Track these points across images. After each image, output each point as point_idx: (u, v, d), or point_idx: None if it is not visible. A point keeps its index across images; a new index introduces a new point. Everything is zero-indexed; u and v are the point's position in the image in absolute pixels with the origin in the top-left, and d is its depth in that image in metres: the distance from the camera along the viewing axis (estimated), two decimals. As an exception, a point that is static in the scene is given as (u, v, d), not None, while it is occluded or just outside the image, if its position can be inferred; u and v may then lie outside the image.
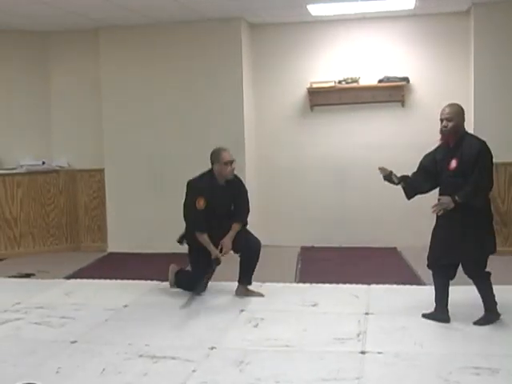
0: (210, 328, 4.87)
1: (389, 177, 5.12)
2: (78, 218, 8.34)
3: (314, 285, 6.08)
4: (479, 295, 4.82)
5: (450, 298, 4.87)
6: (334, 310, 5.27)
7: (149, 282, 6.36)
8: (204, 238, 5.53)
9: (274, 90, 7.99)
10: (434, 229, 4.92)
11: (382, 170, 5.14)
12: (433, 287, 4.96)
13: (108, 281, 6.50)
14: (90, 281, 6.55)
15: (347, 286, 5.99)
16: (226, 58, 7.63)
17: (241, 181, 5.84)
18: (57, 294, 6.02)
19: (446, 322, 4.80)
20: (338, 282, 6.10)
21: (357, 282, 6.05)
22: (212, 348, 4.42)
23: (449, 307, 4.86)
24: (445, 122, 4.84)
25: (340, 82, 7.72)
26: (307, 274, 6.62)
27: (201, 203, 5.46)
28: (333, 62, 7.83)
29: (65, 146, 8.28)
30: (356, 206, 7.90)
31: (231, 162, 5.59)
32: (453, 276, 4.84)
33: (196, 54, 7.72)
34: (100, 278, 6.61)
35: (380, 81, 7.66)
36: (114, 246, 8.09)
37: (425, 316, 4.93)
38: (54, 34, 8.10)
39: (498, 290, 4.88)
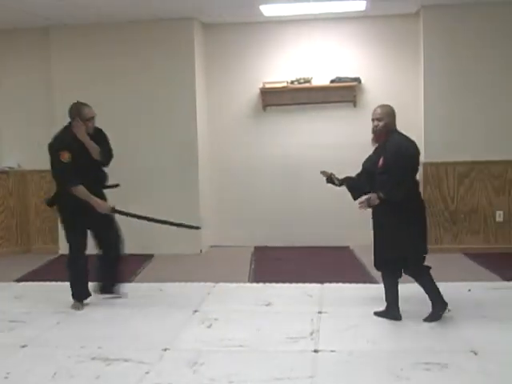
0: (163, 329, 4.85)
1: (330, 179, 5.22)
2: (28, 219, 8.20)
3: (267, 284, 6.10)
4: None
5: (400, 296, 4.95)
6: (287, 309, 5.30)
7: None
8: (81, 190, 5.30)
9: (227, 90, 7.99)
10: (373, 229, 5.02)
11: (323, 173, 5.24)
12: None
13: (59, 283, 6.36)
14: (41, 283, 6.44)
15: (300, 285, 6.03)
16: (179, 58, 7.60)
17: (100, 129, 5.69)
18: (6, 297, 5.91)
19: (398, 320, 4.87)
20: (291, 282, 6.13)
21: (310, 281, 6.09)
22: (165, 349, 4.40)
23: (400, 305, 4.94)
24: (375, 122, 4.98)
25: (292, 82, 7.76)
26: (261, 273, 6.65)
27: (65, 156, 5.25)
28: (285, 62, 7.86)
29: (15, 146, 8.12)
30: (309, 206, 7.95)
31: (92, 118, 5.50)
32: (400, 274, 4.93)
33: (149, 54, 7.66)
34: (51, 280, 6.50)
35: (332, 81, 7.73)
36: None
37: (377, 314, 4.99)
38: (3, 32, 7.93)
39: (446, 287, 4.98)
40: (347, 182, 5.18)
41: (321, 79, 7.78)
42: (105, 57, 7.73)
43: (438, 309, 4.87)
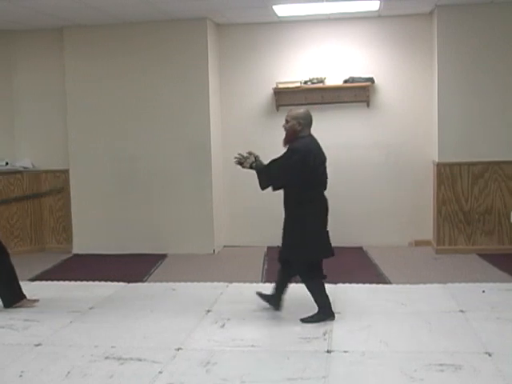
0: (177, 329, 4.86)
1: (241, 164, 5.24)
2: (42, 219, 8.24)
3: (280, 284, 6.09)
4: None
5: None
6: (300, 309, 5.25)
7: (115, 283, 6.32)
8: None
9: (240, 91, 7.99)
10: None
11: (238, 158, 5.24)
12: (400, 285, 5.00)
13: (73, 282, 6.44)
14: (55, 283, 6.48)
15: (313, 285, 6.01)
16: (192, 58, 7.60)
17: None
18: (21, 296, 5.95)
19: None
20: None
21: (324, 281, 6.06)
22: (178, 349, 4.41)
23: (413, 307, 4.91)
24: (284, 123, 5.15)
25: (306, 82, 7.75)
26: (273, 273, 6.58)
27: None
28: (299, 62, 7.85)
29: (29, 146, 8.17)
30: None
31: None
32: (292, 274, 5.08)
33: (162, 54, 7.68)
34: (65, 279, 6.54)
35: (345, 81, 7.71)
36: (79, 247, 8.01)
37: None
38: (17, 33, 7.98)
39: (460, 288, 4.96)
40: (258, 174, 5.18)
41: (334, 79, 7.76)
42: (118, 57, 7.75)
43: (321, 316, 4.90)
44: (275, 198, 8.00)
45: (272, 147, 7.95)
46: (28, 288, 5.75)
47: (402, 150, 7.78)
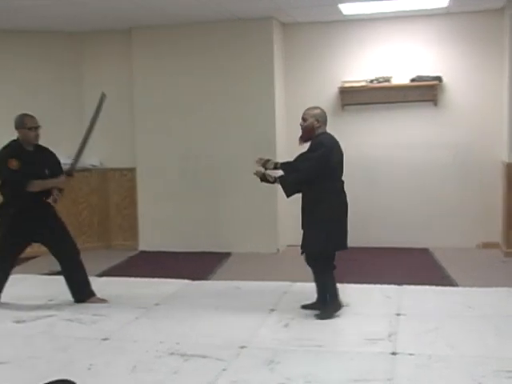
0: (241, 327, 4.88)
1: (264, 178, 5.21)
2: (109, 216, 8.41)
3: (344, 285, 6.01)
4: None
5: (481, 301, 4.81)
6: (364, 310, 5.24)
7: (179, 280, 6.38)
8: (37, 183, 5.32)
9: (306, 89, 7.96)
10: None
11: (256, 173, 5.26)
12: (466, 288, 4.90)
13: (139, 279, 6.54)
14: (121, 279, 6.61)
15: (378, 286, 5.95)
16: (258, 58, 7.63)
17: (50, 150, 5.72)
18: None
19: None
20: (368, 283, 6.06)
21: (388, 283, 6.00)
22: (242, 347, 4.42)
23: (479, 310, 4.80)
24: (301, 121, 5.11)
25: (372, 81, 7.67)
26: (337, 273, 6.56)
27: (13, 163, 5.28)
28: (364, 61, 7.78)
29: (97, 144, 8.30)
30: (386, 206, 7.84)
31: (35, 128, 5.49)
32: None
33: (228, 54, 7.73)
34: (131, 276, 6.66)
35: (412, 80, 7.59)
36: (145, 244, 8.15)
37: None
38: (87, 34, 8.18)
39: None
40: (281, 182, 5.14)
41: (400, 78, 7.65)
42: (183, 57, 7.85)
43: (335, 308, 5.06)
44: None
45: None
46: (95, 284, 5.87)
47: (469, 150, 7.61)
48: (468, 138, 7.62)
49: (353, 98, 7.77)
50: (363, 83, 7.66)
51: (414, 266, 6.92)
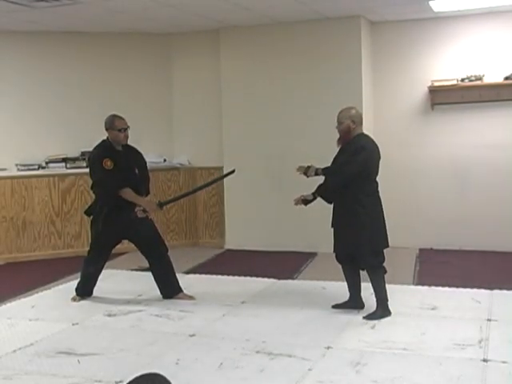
0: (327, 328, 4.86)
1: (307, 202, 5.26)
2: (196, 214, 8.55)
3: (432, 288, 5.92)
4: None
5: None
6: (453, 314, 5.11)
7: (265, 279, 6.42)
8: (129, 193, 5.45)
9: (394, 89, 7.85)
10: None
11: (298, 201, 5.29)
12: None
13: (225, 277, 6.62)
14: (208, 276, 6.70)
15: (468, 290, 5.78)
16: (345, 58, 7.57)
17: (137, 149, 5.86)
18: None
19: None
20: (458, 286, 5.91)
21: (478, 287, 5.83)
22: (328, 347, 4.40)
23: None
24: (336, 125, 5.15)
25: (463, 79, 7.47)
26: (426, 276, 6.47)
27: (108, 163, 5.43)
28: (455, 59, 7.59)
29: (186, 144, 8.51)
30: (478, 208, 7.62)
31: (125, 129, 5.57)
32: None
33: (315, 53, 7.71)
34: (217, 273, 6.75)
35: (506, 78, 7.34)
36: (232, 242, 8.23)
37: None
38: (176, 35, 8.34)
39: None
40: (319, 191, 5.22)
41: (493, 76, 7.41)
42: (270, 56, 7.88)
43: (384, 311, 5.04)
44: (429, 199, 7.82)
45: (426, 147, 7.81)
46: (182, 280, 5.99)
47: None
48: None
49: (443, 97, 7.59)
50: (454, 82, 7.47)
51: (505, 269, 6.70)
